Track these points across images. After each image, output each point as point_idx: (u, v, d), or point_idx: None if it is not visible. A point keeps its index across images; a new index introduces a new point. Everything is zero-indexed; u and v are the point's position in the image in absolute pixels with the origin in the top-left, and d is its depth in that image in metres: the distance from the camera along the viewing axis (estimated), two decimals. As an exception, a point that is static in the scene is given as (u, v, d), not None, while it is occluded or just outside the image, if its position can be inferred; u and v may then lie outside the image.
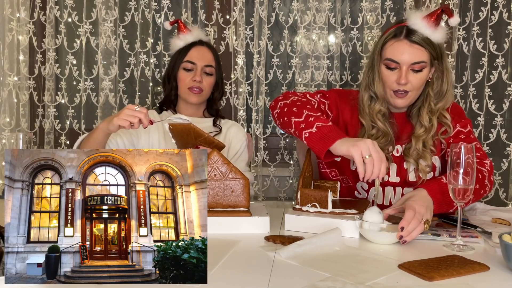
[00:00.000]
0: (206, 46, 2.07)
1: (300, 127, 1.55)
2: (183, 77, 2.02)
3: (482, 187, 1.60)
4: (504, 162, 2.43)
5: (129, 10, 2.58)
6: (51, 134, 2.65)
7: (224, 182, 1.50)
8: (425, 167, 1.69)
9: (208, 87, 2.03)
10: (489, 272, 1.17)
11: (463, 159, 1.32)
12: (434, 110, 1.70)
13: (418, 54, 1.61)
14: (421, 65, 1.62)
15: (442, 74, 1.70)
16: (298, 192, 1.56)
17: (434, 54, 1.64)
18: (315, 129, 1.51)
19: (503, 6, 2.37)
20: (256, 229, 1.47)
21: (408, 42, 1.61)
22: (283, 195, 2.63)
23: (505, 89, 2.42)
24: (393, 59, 1.63)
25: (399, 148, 1.75)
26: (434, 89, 1.70)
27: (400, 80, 1.62)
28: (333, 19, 2.52)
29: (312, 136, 1.51)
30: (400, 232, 1.33)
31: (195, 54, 2.03)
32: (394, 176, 1.74)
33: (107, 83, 2.59)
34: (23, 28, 2.59)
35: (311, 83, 2.54)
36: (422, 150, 1.68)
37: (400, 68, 1.63)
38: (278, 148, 2.63)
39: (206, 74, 2.02)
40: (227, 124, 2.09)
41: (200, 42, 2.07)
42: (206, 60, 2.02)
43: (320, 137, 1.49)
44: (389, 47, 1.64)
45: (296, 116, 1.59)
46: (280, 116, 1.66)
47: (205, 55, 2.04)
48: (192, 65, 2.01)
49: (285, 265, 1.20)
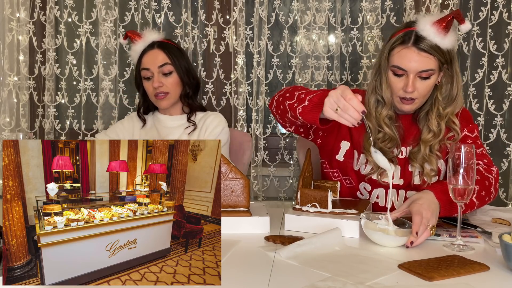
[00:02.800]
0: (158, 47, 2.03)
1: (294, 107, 1.53)
2: (146, 87, 2.03)
3: (487, 194, 1.58)
4: (504, 162, 2.43)
5: (129, 10, 2.58)
6: (51, 134, 2.65)
7: (224, 182, 1.50)
8: (430, 171, 1.67)
9: (172, 86, 2.01)
10: (489, 272, 1.17)
11: (463, 159, 1.32)
12: (442, 114, 1.66)
13: (426, 62, 1.57)
14: (429, 73, 1.58)
15: (452, 78, 1.65)
16: (298, 192, 1.56)
17: (443, 60, 1.60)
18: (307, 102, 1.49)
19: (503, 6, 2.37)
20: (256, 229, 1.47)
21: (416, 50, 1.56)
22: (283, 195, 2.63)
23: (505, 89, 2.42)
24: (401, 66, 1.59)
25: (403, 150, 1.72)
26: (442, 93, 1.66)
27: (407, 88, 1.58)
28: (333, 19, 2.52)
29: (304, 109, 1.48)
30: (412, 237, 1.32)
31: (146, 59, 2.02)
32: (397, 178, 1.72)
33: (107, 83, 2.59)
34: (23, 28, 2.59)
35: (311, 83, 2.54)
36: (428, 155, 1.65)
37: (407, 76, 1.58)
38: (278, 148, 2.63)
39: (164, 75, 2.00)
40: (206, 116, 2.08)
41: (151, 45, 2.04)
42: (158, 61, 2.00)
43: (312, 107, 1.46)
44: (396, 54, 1.60)
45: (289, 99, 1.57)
46: (277, 108, 1.64)
47: (156, 56, 2.01)
48: (147, 71, 2.00)
49: (285, 265, 1.20)
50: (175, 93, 2.03)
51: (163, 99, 1.99)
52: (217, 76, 2.55)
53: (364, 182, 1.76)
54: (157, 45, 2.04)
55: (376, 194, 1.75)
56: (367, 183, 1.76)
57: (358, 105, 1.35)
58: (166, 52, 2.02)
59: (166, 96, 1.99)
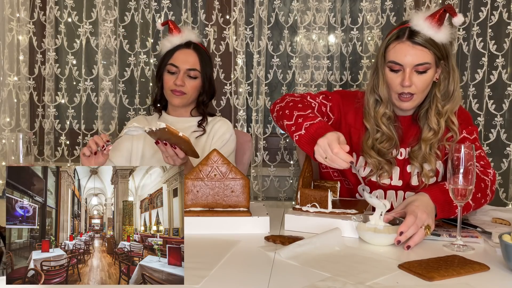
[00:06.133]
0: (193, 48, 2.04)
1: (291, 130, 1.57)
2: (166, 80, 2.02)
3: (483, 196, 1.58)
4: (504, 162, 2.43)
5: (129, 10, 2.59)
6: (51, 134, 2.65)
7: (224, 182, 1.50)
8: (429, 171, 1.67)
9: (192, 90, 2.02)
10: (489, 272, 1.17)
11: (462, 159, 1.32)
12: (442, 112, 1.66)
13: (422, 55, 1.59)
14: (425, 66, 1.59)
15: (449, 74, 1.66)
16: (298, 192, 1.56)
17: (439, 54, 1.61)
18: (303, 131, 1.52)
19: (503, 6, 2.37)
20: (256, 229, 1.47)
21: (411, 43, 1.59)
22: (283, 195, 2.63)
23: (505, 89, 2.42)
24: (396, 61, 1.60)
25: (403, 151, 1.72)
26: (441, 90, 1.67)
27: (404, 82, 1.59)
28: (333, 19, 2.52)
29: (301, 139, 1.52)
30: (398, 236, 1.32)
31: (179, 57, 2.02)
32: (396, 179, 1.72)
33: (107, 83, 2.59)
34: (23, 28, 2.59)
35: (311, 83, 2.54)
36: (428, 154, 1.66)
37: (404, 70, 1.60)
38: (278, 148, 2.63)
39: (189, 77, 2.01)
40: (214, 121, 2.08)
41: (187, 44, 2.04)
42: (189, 64, 2.00)
43: (308, 139, 1.50)
44: (392, 49, 1.62)
45: (287, 119, 1.60)
46: (277, 120, 1.68)
47: (189, 58, 2.02)
48: (175, 68, 2.00)
49: (285, 265, 1.20)
50: (192, 96, 2.05)
51: (178, 97, 2.01)
52: (217, 76, 2.55)
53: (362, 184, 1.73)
54: (193, 47, 2.05)
55: (375, 195, 1.74)
56: (366, 186, 1.72)
57: (345, 157, 1.40)
58: (199, 57, 2.04)
59: (183, 96, 2.01)
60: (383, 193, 1.74)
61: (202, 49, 2.09)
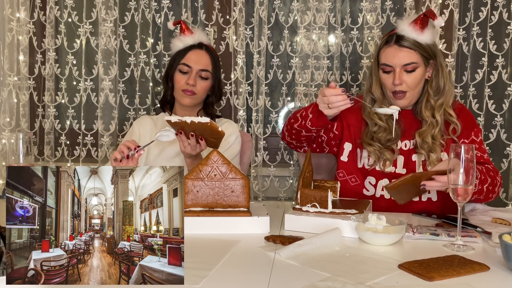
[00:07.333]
0: (205, 50, 2.07)
1: (303, 124, 1.76)
2: (178, 79, 2.04)
3: (492, 191, 1.75)
4: (504, 162, 2.43)
5: (129, 10, 2.58)
6: (51, 134, 2.65)
7: (224, 182, 1.50)
8: (435, 160, 1.80)
9: (202, 90, 2.05)
10: (489, 272, 1.17)
11: (463, 158, 1.33)
12: (434, 106, 1.83)
13: (408, 56, 1.78)
14: (413, 65, 1.79)
15: (438, 71, 1.84)
16: (298, 192, 1.56)
17: (426, 54, 1.80)
18: (310, 115, 1.73)
19: (503, 6, 2.37)
20: (256, 229, 1.48)
21: (398, 46, 1.79)
22: (283, 195, 2.63)
23: (505, 89, 2.42)
24: (387, 63, 1.81)
25: (407, 143, 1.88)
26: (433, 86, 1.85)
27: (395, 81, 1.79)
28: (333, 19, 2.52)
29: (312, 121, 1.72)
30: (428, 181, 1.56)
31: (192, 57, 2.04)
32: (400, 167, 1.86)
33: (107, 83, 2.59)
34: (23, 28, 2.59)
35: (311, 83, 2.54)
36: (431, 143, 1.81)
37: (394, 71, 1.79)
38: (278, 148, 2.63)
39: (201, 78, 2.03)
40: (220, 123, 2.10)
41: (199, 45, 2.07)
42: (202, 65, 2.03)
43: (316, 116, 1.70)
44: (382, 53, 1.83)
45: (295, 122, 1.79)
46: (290, 134, 1.86)
47: (202, 59, 2.04)
48: (187, 68, 2.02)
49: (285, 265, 1.20)
50: (201, 97, 2.07)
51: (189, 96, 2.02)
52: (217, 76, 2.55)
53: (369, 176, 1.88)
54: (205, 48, 2.07)
55: (381, 186, 1.86)
56: (372, 177, 1.88)
57: (335, 91, 1.61)
58: (211, 59, 2.07)
59: (193, 96, 2.02)
60: (388, 182, 1.81)
61: (213, 51, 2.12)
